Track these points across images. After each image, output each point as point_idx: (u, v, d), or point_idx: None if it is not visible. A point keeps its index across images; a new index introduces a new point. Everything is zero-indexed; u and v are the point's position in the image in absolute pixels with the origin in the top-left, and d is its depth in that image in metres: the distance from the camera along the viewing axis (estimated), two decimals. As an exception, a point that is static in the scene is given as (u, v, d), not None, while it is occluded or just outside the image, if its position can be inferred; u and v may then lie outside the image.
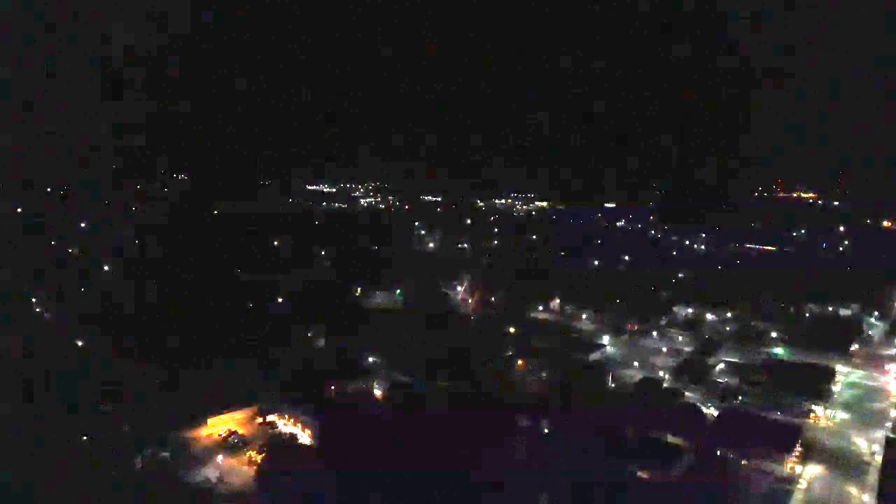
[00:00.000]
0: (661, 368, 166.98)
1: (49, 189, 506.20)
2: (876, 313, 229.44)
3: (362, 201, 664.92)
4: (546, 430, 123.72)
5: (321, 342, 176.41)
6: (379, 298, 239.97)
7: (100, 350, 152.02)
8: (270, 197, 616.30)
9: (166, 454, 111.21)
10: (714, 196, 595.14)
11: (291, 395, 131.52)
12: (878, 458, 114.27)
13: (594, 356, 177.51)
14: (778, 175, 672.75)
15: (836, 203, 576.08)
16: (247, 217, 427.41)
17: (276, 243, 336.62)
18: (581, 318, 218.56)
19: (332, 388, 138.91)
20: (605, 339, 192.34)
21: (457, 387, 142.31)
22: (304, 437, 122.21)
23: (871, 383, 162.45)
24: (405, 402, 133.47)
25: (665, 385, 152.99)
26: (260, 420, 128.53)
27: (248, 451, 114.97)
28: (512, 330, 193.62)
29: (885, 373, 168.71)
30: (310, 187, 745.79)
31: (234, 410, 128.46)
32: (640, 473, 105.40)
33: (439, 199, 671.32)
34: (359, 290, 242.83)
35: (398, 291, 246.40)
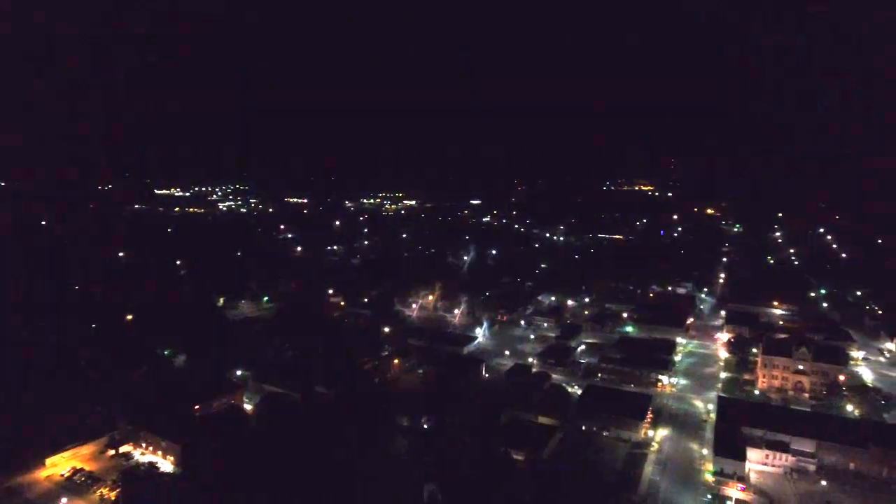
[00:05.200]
0: (530, 354, 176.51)
1: None
2: (705, 290, 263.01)
3: (221, 205, 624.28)
4: (426, 425, 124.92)
5: (181, 359, 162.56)
6: (245, 307, 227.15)
7: None
8: (114, 202, 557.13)
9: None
10: (571, 191, 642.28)
11: (148, 421, 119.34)
12: (713, 416, 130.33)
13: (468, 349, 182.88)
14: (622, 170, 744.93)
15: (669, 194, 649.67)
16: (88, 223, 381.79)
17: (121, 254, 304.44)
18: (454, 311, 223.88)
19: (196, 407, 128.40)
20: (478, 332, 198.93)
21: (334, 391, 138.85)
22: (166, 465, 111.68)
23: (704, 351, 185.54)
24: (279, 412, 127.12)
25: (534, 370, 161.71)
26: (111, 452, 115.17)
27: (98, 488, 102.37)
28: (387, 329, 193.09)
29: (714, 341, 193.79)
30: (160, 192, 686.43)
31: (79, 445, 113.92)
32: (515, 455, 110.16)
33: (305, 200, 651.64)
34: (221, 299, 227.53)
35: (266, 298, 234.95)
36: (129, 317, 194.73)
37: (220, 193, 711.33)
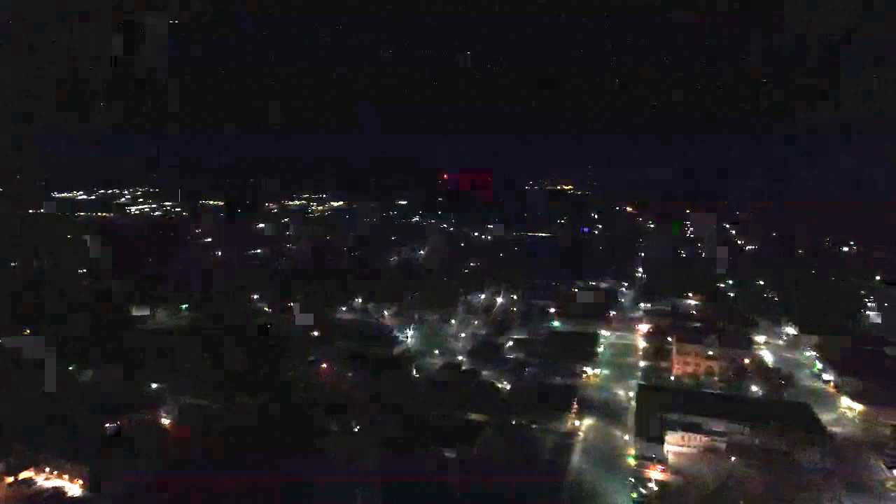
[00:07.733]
0: (460, 353, 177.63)
1: None
2: (625, 283, 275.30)
3: (132, 209, 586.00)
4: (356, 429, 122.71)
5: (88, 374, 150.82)
6: (159, 316, 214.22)
7: None
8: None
9: None
10: (498, 190, 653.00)
11: (50, 442, 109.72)
12: (633, 403, 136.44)
13: (397, 350, 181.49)
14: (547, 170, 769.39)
15: (588, 193, 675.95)
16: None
17: (13, 264, 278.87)
18: (383, 313, 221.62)
19: (106, 424, 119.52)
20: (408, 332, 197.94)
21: (259, 399, 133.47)
22: (74, 489, 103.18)
23: (624, 342, 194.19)
24: (199, 426, 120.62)
25: (464, 367, 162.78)
26: (9, 479, 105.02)
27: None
28: (314, 333, 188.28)
29: (635, 332, 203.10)
30: (59, 194, 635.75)
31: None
32: (446, 454, 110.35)
33: (223, 202, 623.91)
34: (133, 308, 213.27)
35: (184, 306, 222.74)
36: (27, 331, 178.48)
37: (129, 196, 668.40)
